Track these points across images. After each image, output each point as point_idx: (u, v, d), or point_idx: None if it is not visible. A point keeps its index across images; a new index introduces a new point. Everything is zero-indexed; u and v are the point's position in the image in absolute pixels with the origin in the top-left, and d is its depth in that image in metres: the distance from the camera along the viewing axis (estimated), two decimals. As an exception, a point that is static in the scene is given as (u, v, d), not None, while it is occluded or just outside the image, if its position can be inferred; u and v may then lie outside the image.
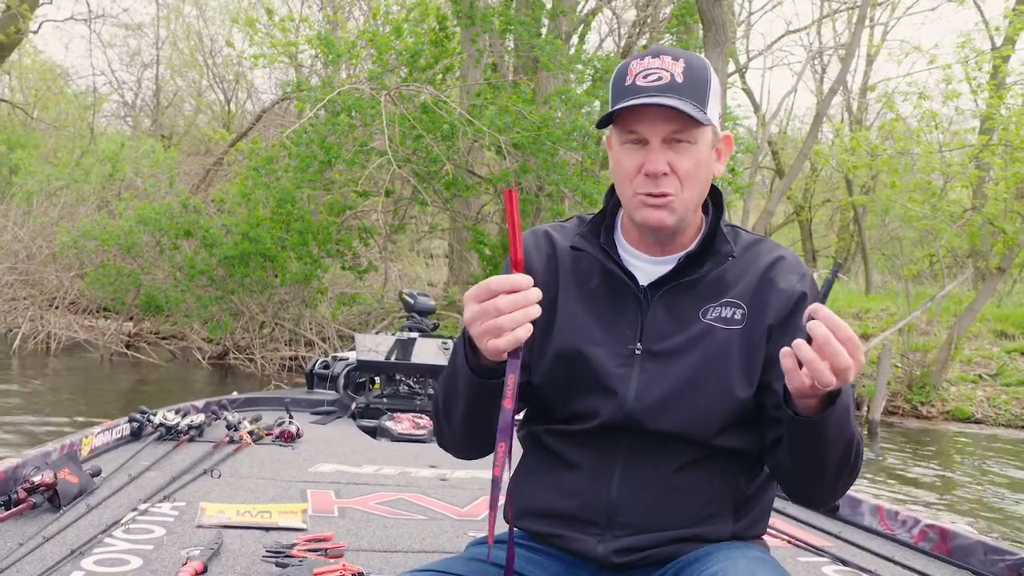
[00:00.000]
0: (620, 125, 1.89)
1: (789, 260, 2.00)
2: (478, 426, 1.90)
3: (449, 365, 1.91)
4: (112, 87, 31.87)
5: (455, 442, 2.02)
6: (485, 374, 1.78)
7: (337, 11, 24.67)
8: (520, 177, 14.19)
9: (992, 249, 15.09)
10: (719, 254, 1.96)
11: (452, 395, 1.90)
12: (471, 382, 1.81)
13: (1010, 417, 14.21)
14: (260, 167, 14.59)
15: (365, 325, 15.87)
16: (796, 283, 1.95)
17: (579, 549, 1.93)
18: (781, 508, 4.13)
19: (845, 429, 1.74)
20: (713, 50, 12.55)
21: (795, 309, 1.92)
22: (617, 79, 1.91)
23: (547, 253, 2.06)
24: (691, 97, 1.84)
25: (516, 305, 1.64)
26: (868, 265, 24.58)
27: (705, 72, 1.89)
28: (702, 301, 1.94)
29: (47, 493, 3.47)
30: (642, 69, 1.88)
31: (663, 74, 1.85)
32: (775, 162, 26.96)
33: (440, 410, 1.98)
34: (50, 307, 17.12)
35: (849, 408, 1.73)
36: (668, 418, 1.88)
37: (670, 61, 1.87)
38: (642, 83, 1.86)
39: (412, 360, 6.79)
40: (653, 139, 1.86)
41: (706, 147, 1.90)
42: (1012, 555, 3.35)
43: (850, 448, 1.78)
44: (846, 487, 1.87)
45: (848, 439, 1.76)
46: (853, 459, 1.81)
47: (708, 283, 1.96)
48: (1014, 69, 16.87)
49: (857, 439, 1.79)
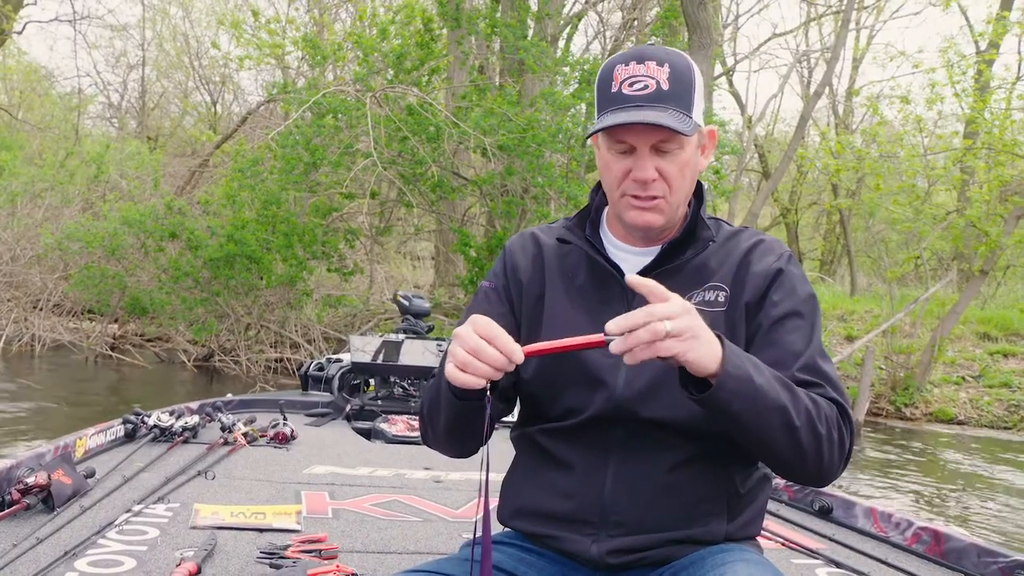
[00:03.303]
0: (608, 134, 1.92)
1: (768, 242, 2.04)
2: (460, 434, 1.96)
3: (436, 376, 1.96)
4: (97, 88, 31.75)
5: (439, 444, 2.06)
6: (460, 394, 1.82)
7: (323, 13, 24.63)
8: (506, 179, 14.20)
9: (975, 252, 15.17)
10: (700, 240, 1.99)
11: (436, 405, 1.94)
12: (450, 399, 1.85)
13: (992, 418, 14.29)
14: (245, 169, 14.55)
15: (351, 327, 15.84)
16: (773, 262, 1.98)
17: (573, 550, 1.94)
18: (775, 510, 4.16)
19: (762, 400, 1.69)
20: (698, 53, 12.60)
21: (770, 285, 1.95)
22: (602, 83, 1.92)
23: (533, 253, 2.11)
24: (677, 104, 1.86)
25: (493, 361, 1.66)
26: (853, 267, 24.68)
27: (689, 74, 1.91)
28: (686, 287, 1.95)
29: (41, 494, 3.46)
30: (627, 76, 1.89)
31: (649, 82, 1.87)
32: (761, 164, 27.05)
33: (425, 414, 2.03)
34: (34, 309, 17.04)
35: (748, 380, 1.68)
36: (659, 404, 1.88)
37: (655, 67, 1.88)
38: (628, 92, 1.87)
39: (405, 362, 6.80)
40: (641, 147, 1.88)
41: (692, 149, 1.93)
42: (1005, 557, 3.36)
43: (788, 419, 1.72)
44: (826, 459, 1.80)
45: (773, 410, 1.71)
46: (804, 432, 1.74)
47: (692, 269, 1.99)
48: (997, 73, 16.98)
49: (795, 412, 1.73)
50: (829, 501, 4.25)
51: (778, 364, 1.85)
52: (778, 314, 1.93)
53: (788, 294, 1.95)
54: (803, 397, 1.77)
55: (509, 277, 2.11)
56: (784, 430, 1.73)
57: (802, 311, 1.94)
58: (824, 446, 1.78)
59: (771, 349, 1.90)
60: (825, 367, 1.90)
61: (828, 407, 1.81)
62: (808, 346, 1.90)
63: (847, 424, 1.85)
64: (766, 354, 1.88)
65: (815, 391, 1.83)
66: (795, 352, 1.89)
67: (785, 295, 1.95)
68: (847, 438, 1.84)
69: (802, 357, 1.88)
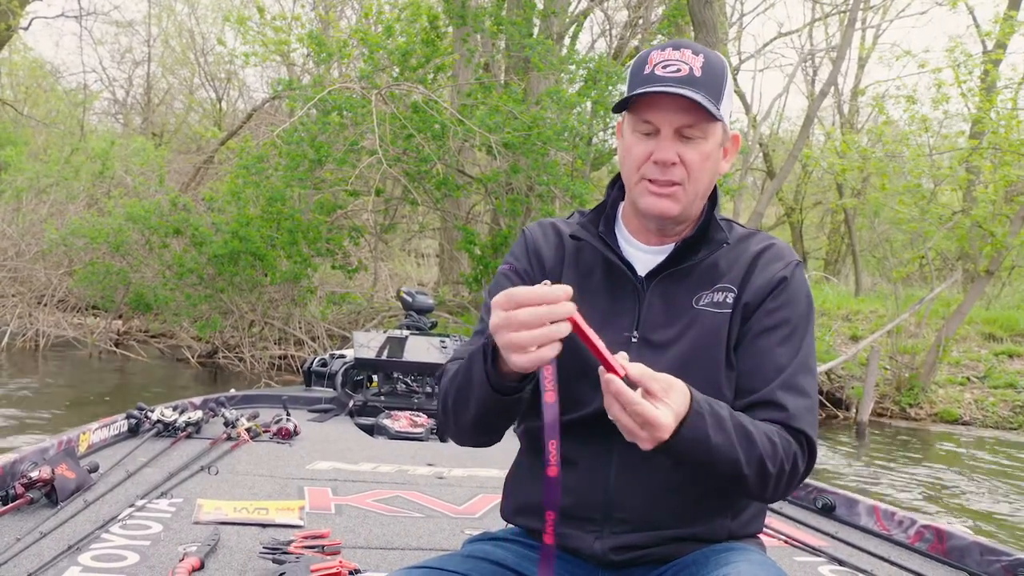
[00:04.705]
0: (634, 112, 1.91)
1: (779, 247, 2.03)
2: (487, 428, 1.92)
3: (464, 369, 1.87)
4: (103, 84, 31.85)
5: (460, 437, 2.00)
6: (503, 389, 1.77)
7: (329, 10, 24.64)
8: (511, 177, 14.19)
9: (981, 252, 15.14)
10: (714, 241, 1.99)
11: (463, 400, 1.87)
12: (486, 394, 1.79)
13: (997, 419, 14.26)
14: (250, 165, 14.53)
15: (355, 324, 15.82)
16: (780, 269, 1.98)
17: (576, 546, 1.93)
18: (777, 508, 4.15)
19: (715, 456, 1.73)
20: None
21: (771, 291, 1.95)
22: (636, 67, 1.92)
23: (555, 243, 2.09)
24: (707, 92, 1.86)
25: (540, 320, 1.58)
26: (858, 267, 24.65)
27: (723, 69, 1.91)
28: (696, 288, 1.96)
29: (44, 488, 3.47)
30: (661, 60, 1.89)
31: (682, 66, 1.87)
32: (766, 164, 26.99)
33: (448, 408, 1.94)
34: (39, 304, 17.05)
35: (704, 440, 1.70)
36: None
37: (690, 55, 1.89)
38: (660, 73, 1.87)
39: (409, 358, 6.79)
40: (665, 128, 1.88)
41: (715, 143, 1.93)
42: (1008, 556, 3.36)
43: (737, 470, 1.76)
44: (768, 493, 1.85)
45: (725, 463, 1.74)
46: (751, 478, 1.78)
47: (702, 270, 1.98)
48: (1004, 73, 16.94)
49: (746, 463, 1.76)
50: (832, 499, 4.25)
51: (760, 376, 1.89)
52: (771, 323, 1.94)
53: (786, 304, 1.96)
54: (760, 443, 1.79)
55: (532, 261, 2.08)
56: (732, 477, 1.78)
57: (796, 323, 1.95)
58: (770, 484, 1.82)
59: (757, 358, 1.92)
60: (805, 384, 1.92)
61: (786, 444, 1.83)
62: (792, 361, 1.91)
63: (806, 454, 1.88)
64: (750, 362, 1.91)
65: (782, 415, 1.86)
66: (779, 367, 1.90)
67: (782, 304, 1.95)
68: (802, 467, 1.87)
69: (784, 372, 1.90)
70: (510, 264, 2.10)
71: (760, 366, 1.90)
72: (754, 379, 1.88)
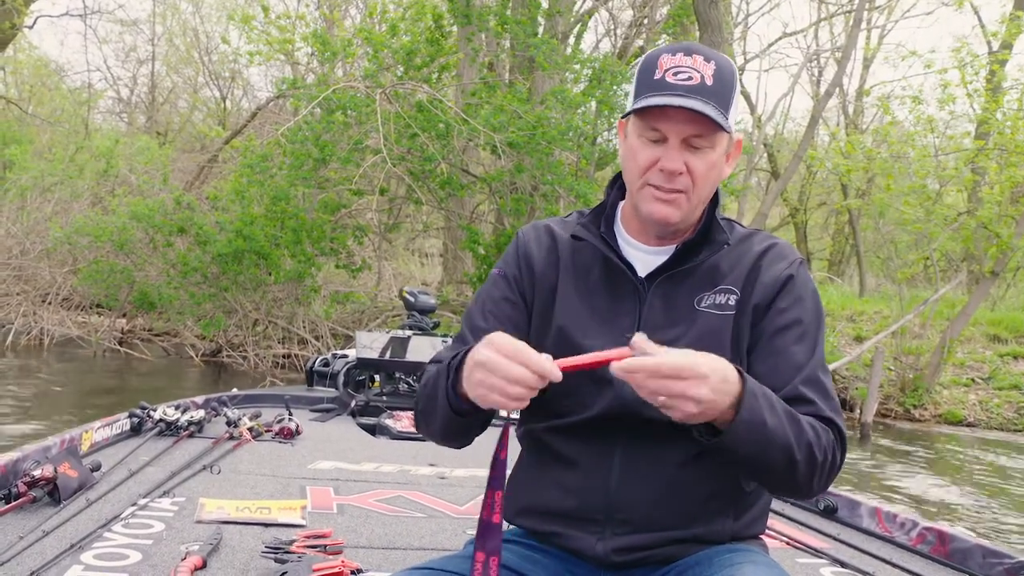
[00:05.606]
0: (642, 119, 1.89)
1: (781, 247, 2.03)
2: (454, 436, 1.97)
3: (433, 380, 1.90)
4: (107, 83, 31.80)
5: (433, 439, 2.04)
6: (460, 411, 1.81)
7: (333, 9, 24.64)
8: (515, 176, 14.19)
9: (986, 253, 15.12)
10: (715, 242, 1.98)
11: (431, 409, 1.90)
12: (446, 411, 1.84)
13: (1002, 421, 14.25)
14: (254, 164, 14.55)
15: (358, 324, 15.85)
16: (784, 268, 1.97)
17: (578, 547, 1.93)
18: (779, 509, 4.14)
19: (771, 442, 1.70)
20: (709, 52, 12.56)
21: (779, 291, 1.95)
22: (645, 69, 1.90)
23: (548, 246, 2.08)
24: (717, 102, 1.85)
25: (527, 384, 1.62)
26: (862, 268, 24.64)
27: (733, 77, 1.90)
28: (698, 289, 1.95)
29: (47, 487, 3.47)
30: (673, 65, 1.87)
31: (694, 74, 1.85)
32: (771, 164, 26.98)
33: (419, 412, 2.00)
34: (43, 303, 17.07)
35: (761, 425, 1.68)
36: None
37: (702, 62, 1.87)
38: (671, 80, 1.85)
39: (411, 358, 6.79)
40: (673, 138, 1.86)
41: (721, 151, 1.91)
42: (1011, 558, 3.36)
43: (791, 455, 1.73)
44: (815, 484, 1.82)
45: (779, 449, 1.72)
46: (803, 464, 1.76)
47: (704, 272, 1.97)
48: (1010, 74, 16.91)
49: (797, 447, 1.74)
50: (834, 500, 4.25)
51: (780, 375, 1.87)
52: (784, 322, 1.93)
53: (795, 302, 1.95)
54: (807, 428, 1.77)
55: (522, 266, 2.08)
56: (785, 465, 1.75)
57: (808, 321, 1.94)
58: (816, 472, 1.80)
59: (774, 358, 1.90)
60: (825, 380, 1.90)
61: (826, 433, 1.82)
62: (811, 358, 1.90)
63: (840, 445, 1.86)
64: (768, 363, 1.89)
65: (812, 408, 1.84)
66: (798, 364, 1.89)
67: (792, 303, 1.95)
68: (839, 458, 1.86)
69: (804, 370, 1.88)
70: (501, 270, 2.11)
71: (778, 365, 1.89)
72: (774, 378, 1.85)
